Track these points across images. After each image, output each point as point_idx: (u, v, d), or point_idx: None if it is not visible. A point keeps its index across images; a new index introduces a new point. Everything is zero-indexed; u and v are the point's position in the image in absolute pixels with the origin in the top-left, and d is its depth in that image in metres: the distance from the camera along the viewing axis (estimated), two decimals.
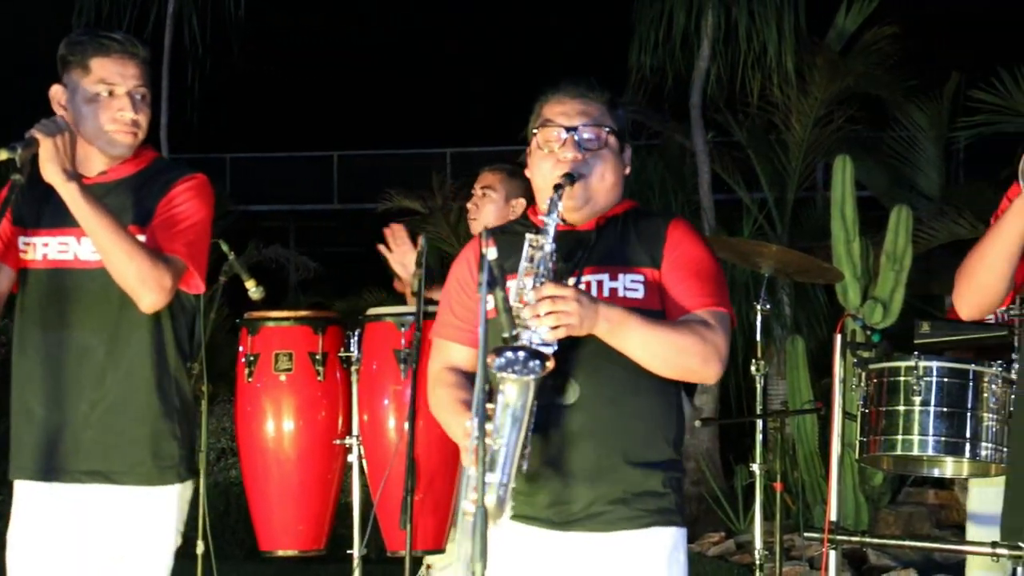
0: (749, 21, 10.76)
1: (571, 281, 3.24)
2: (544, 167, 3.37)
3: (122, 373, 3.84)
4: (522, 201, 5.47)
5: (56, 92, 3.86)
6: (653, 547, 3.27)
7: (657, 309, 3.28)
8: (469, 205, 5.67)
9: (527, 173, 3.48)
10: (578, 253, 3.33)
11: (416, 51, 23.68)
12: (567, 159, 3.33)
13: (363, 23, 23.12)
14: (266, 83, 22.71)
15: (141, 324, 3.84)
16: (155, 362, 3.88)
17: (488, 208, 5.45)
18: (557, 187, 3.23)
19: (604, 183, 3.37)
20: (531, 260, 3.17)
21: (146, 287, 3.72)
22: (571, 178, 3.27)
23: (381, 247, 5.76)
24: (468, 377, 3.39)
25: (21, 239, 3.89)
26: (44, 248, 3.87)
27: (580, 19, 19.12)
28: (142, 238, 3.78)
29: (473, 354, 3.39)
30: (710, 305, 3.29)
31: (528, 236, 3.19)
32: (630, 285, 3.29)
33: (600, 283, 3.29)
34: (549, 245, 3.17)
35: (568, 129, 3.36)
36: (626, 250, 3.35)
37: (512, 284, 3.16)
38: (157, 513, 3.89)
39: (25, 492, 3.89)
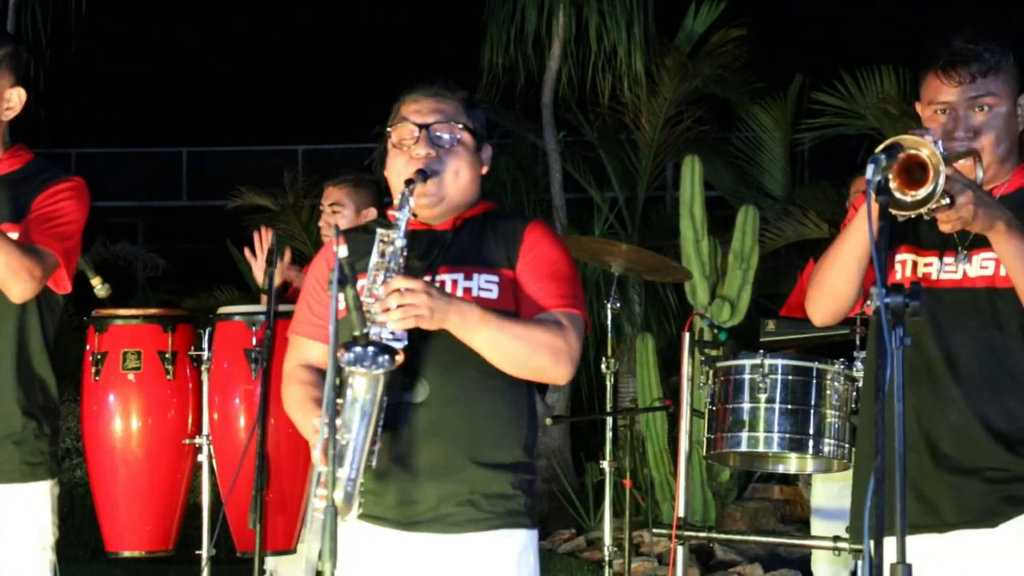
0: (600, 22, 10.83)
1: (426, 279, 3.24)
2: (398, 164, 3.37)
3: None
4: (372, 210, 5.50)
5: None
6: (501, 550, 3.27)
7: (511, 310, 3.28)
8: (321, 224, 5.70)
9: (385, 173, 3.48)
10: (434, 252, 3.33)
11: (267, 47, 23.46)
12: (420, 156, 3.33)
13: (214, 18, 22.83)
14: (114, 78, 22.33)
15: (7, 317, 3.82)
16: (21, 359, 3.87)
17: (341, 223, 5.49)
18: (408, 182, 3.23)
19: (459, 180, 3.37)
20: (382, 255, 3.16)
21: (16, 276, 3.70)
22: (423, 174, 3.27)
23: (248, 252, 5.73)
24: (323, 375, 3.38)
25: None
26: None
27: (433, 17, 19.11)
28: (15, 235, 3.76)
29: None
30: (564, 306, 3.30)
31: (379, 231, 3.18)
32: (484, 285, 3.29)
33: (455, 282, 3.29)
34: (400, 240, 3.17)
35: (421, 126, 3.36)
36: (482, 250, 3.35)
37: (364, 281, 3.16)
38: (32, 510, 3.88)
39: None
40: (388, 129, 3.43)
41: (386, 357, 3.00)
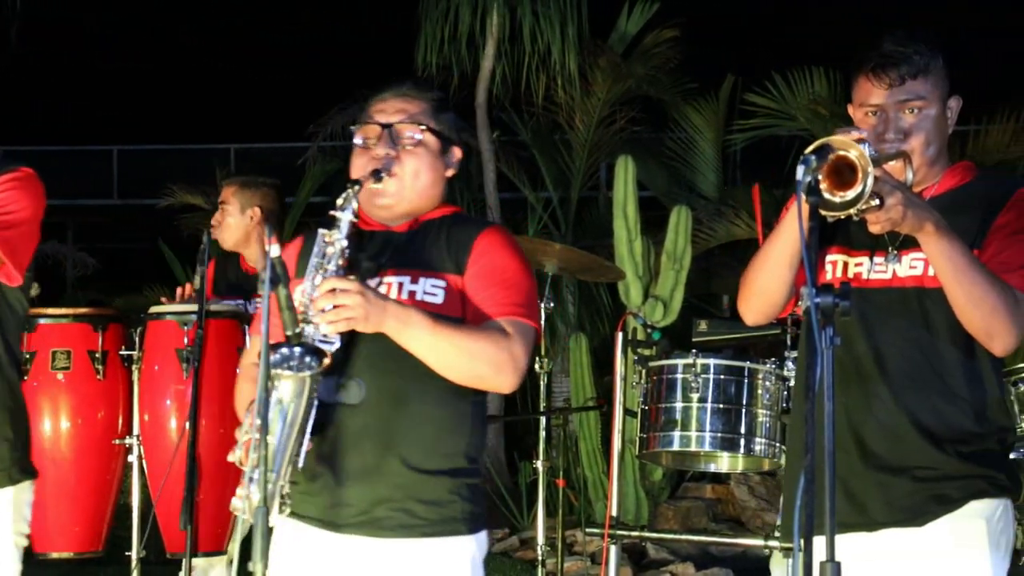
0: (533, 22, 10.84)
1: (373, 282, 3.23)
2: (358, 164, 3.35)
3: None
4: (257, 210, 5.57)
5: None
6: (434, 559, 3.23)
7: (457, 316, 3.24)
8: (212, 221, 5.76)
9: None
10: (384, 254, 3.31)
11: (198, 45, 23.32)
12: (379, 156, 3.31)
13: (144, 17, 22.68)
14: (43, 75, 22.12)
15: None
16: None
17: (228, 221, 5.66)
18: (354, 183, 3.21)
19: (418, 182, 3.35)
20: (323, 256, 3.14)
21: None
22: (377, 174, 3.25)
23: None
24: None
25: None
26: None
27: (367, 16, 19.06)
28: None
29: None
30: (512, 315, 3.25)
31: (320, 231, 3.16)
32: (430, 289, 3.26)
33: (400, 285, 3.26)
34: (341, 241, 3.14)
35: (384, 126, 3.34)
36: (432, 254, 3.32)
37: (302, 282, 3.14)
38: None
39: None
40: (353, 128, 3.41)
41: (313, 359, 2.98)
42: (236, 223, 5.63)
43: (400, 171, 3.31)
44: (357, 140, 3.39)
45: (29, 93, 21.86)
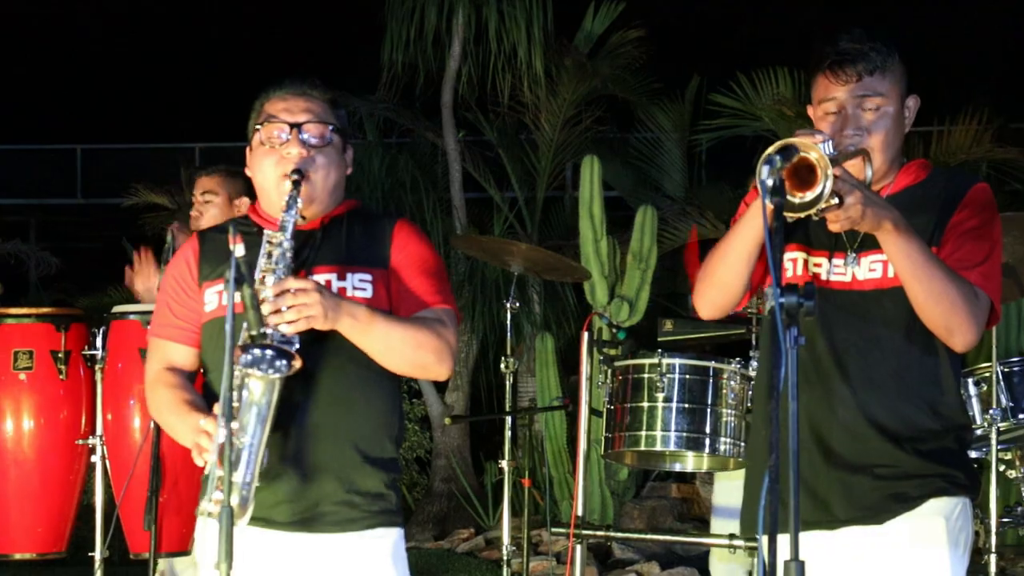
0: (499, 21, 10.84)
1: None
2: (266, 164, 3.33)
3: None
4: (246, 200, 5.49)
5: None
6: (377, 549, 3.29)
7: (385, 309, 3.28)
8: (192, 213, 5.67)
9: (247, 171, 3.44)
10: (305, 252, 3.31)
11: (163, 43, 23.23)
12: (292, 156, 3.30)
13: (108, 14, 22.57)
14: (6, 72, 21.99)
15: None
16: None
17: (212, 212, 5.54)
18: (296, 183, 3.21)
19: (328, 181, 3.35)
20: (269, 257, 3.14)
21: None
22: (300, 174, 3.24)
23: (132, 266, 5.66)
24: (190, 377, 3.37)
25: None
26: None
27: (333, 14, 19.02)
28: None
29: (194, 354, 3.37)
30: (439, 303, 3.35)
31: (266, 232, 3.17)
32: (358, 284, 3.29)
33: (328, 282, 3.27)
34: (288, 242, 3.15)
35: (293, 126, 3.33)
36: (353, 249, 3.35)
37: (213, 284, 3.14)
38: None
39: None
40: (256, 127, 3.38)
41: (284, 361, 2.99)
42: (221, 213, 5.51)
43: (313, 170, 3.31)
44: (260, 138, 3.36)
45: None
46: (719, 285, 3.38)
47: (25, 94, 23.22)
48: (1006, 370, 5.39)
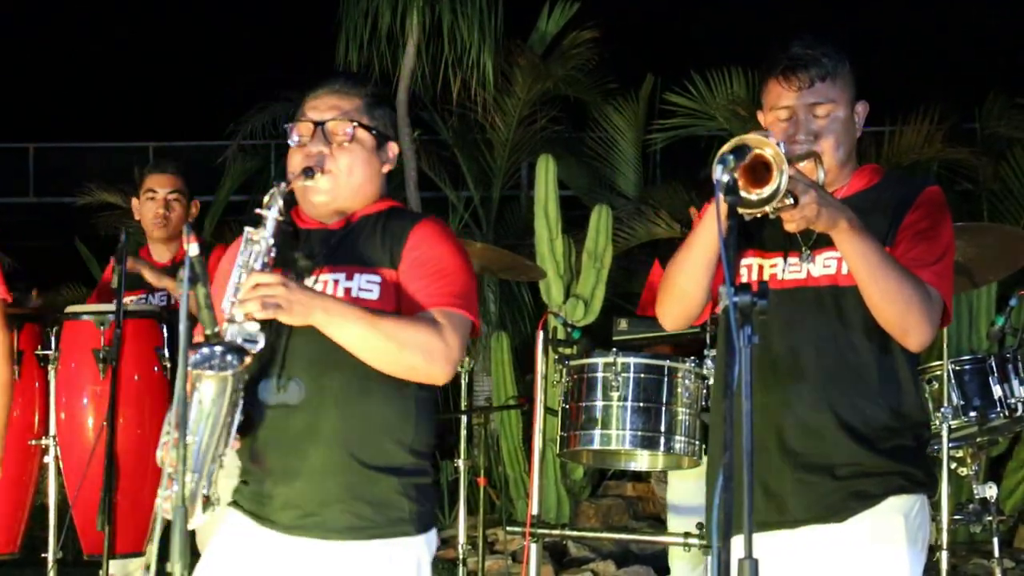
0: (453, 21, 10.83)
1: (309, 280, 3.22)
2: (294, 161, 3.34)
3: None
4: (198, 203, 5.58)
5: None
6: (381, 561, 3.23)
7: (392, 311, 3.23)
8: (160, 211, 5.67)
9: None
10: (320, 252, 3.30)
11: (116, 42, 23.08)
12: (312, 153, 3.30)
13: (61, 13, 22.43)
14: None
15: None
16: None
17: (179, 211, 5.60)
18: (279, 181, 3.20)
19: (352, 179, 3.34)
20: (249, 254, 3.12)
21: None
22: (310, 172, 3.24)
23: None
24: None
25: None
26: None
27: (288, 13, 18.95)
28: None
29: None
30: (444, 305, 3.24)
31: (246, 230, 3.14)
32: (365, 285, 3.25)
33: (335, 282, 3.25)
34: (267, 240, 3.12)
35: (316, 123, 3.34)
36: (368, 250, 3.31)
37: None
38: None
39: None
40: (288, 126, 3.39)
41: (234, 357, 2.96)
42: (182, 214, 5.71)
43: (334, 168, 3.31)
44: (292, 138, 3.37)
45: None
46: (679, 295, 3.40)
47: None
48: (957, 368, 5.42)
